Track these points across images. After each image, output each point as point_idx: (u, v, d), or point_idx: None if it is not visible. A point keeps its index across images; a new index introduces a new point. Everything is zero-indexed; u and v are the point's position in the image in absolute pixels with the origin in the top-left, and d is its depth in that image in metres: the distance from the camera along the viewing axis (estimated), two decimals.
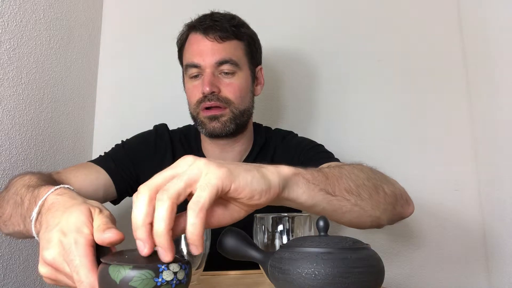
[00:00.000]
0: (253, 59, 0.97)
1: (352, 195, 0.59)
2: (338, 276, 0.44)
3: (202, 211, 0.40)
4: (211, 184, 0.41)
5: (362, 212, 0.61)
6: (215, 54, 0.88)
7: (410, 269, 1.27)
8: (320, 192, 0.54)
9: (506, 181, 1.14)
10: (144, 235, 0.40)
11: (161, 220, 0.39)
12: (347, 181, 0.59)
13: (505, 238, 1.15)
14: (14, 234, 0.67)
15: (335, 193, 0.56)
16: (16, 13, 0.92)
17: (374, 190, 0.64)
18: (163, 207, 0.39)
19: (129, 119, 1.31)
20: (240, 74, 0.91)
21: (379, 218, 0.65)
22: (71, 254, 0.43)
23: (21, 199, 0.61)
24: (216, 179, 0.42)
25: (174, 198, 0.40)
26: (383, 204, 0.65)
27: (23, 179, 0.67)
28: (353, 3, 1.39)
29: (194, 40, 0.91)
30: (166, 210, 0.39)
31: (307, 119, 1.33)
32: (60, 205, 0.51)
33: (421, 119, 1.33)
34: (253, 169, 0.46)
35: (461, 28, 1.36)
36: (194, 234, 0.40)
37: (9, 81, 0.89)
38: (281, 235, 0.64)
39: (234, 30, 0.90)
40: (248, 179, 0.44)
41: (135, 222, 0.40)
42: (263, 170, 0.48)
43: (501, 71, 1.15)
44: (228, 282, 0.65)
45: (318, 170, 0.57)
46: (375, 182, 0.66)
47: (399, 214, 0.73)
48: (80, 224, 0.45)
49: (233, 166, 0.45)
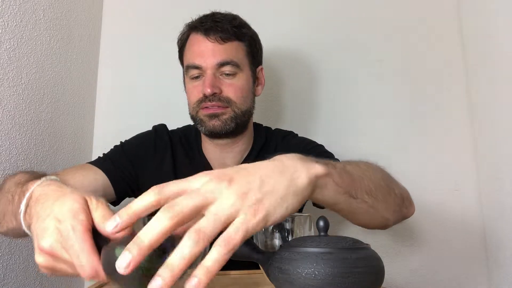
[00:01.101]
0: (254, 60, 0.96)
1: (371, 197, 0.58)
2: (338, 276, 0.44)
3: (229, 252, 0.38)
4: (247, 231, 0.39)
5: (375, 214, 0.61)
6: (216, 56, 0.88)
7: (410, 269, 1.27)
8: (344, 195, 0.53)
9: (506, 181, 1.14)
10: (126, 224, 0.40)
11: (149, 234, 0.37)
12: (368, 183, 0.58)
13: (505, 238, 1.15)
14: (9, 233, 0.66)
15: (357, 196, 0.55)
16: (16, 13, 0.92)
17: (387, 192, 0.63)
18: (160, 224, 0.37)
19: (129, 119, 1.31)
20: (241, 75, 0.91)
21: (388, 219, 0.65)
22: (70, 239, 0.43)
23: (11, 196, 0.61)
24: (253, 228, 0.40)
25: (178, 219, 0.38)
26: (393, 205, 0.65)
27: (15, 177, 0.67)
28: (353, 3, 1.39)
29: (195, 41, 0.91)
30: (160, 229, 0.37)
31: (307, 119, 1.33)
32: (49, 195, 0.50)
33: (421, 119, 1.33)
34: (287, 192, 0.43)
35: (461, 28, 1.36)
36: (209, 272, 0.37)
37: (9, 81, 0.89)
38: (281, 235, 0.64)
39: (236, 31, 0.89)
40: (282, 212, 0.42)
41: (130, 210, 0.40)
42: (297, 183, 0.44)
43: (501, 71, 1.15)
44: (228, 282, 0.65)
45: (346, 171, 0.54)
46: (388, 183, 0.65)
47: (403, 215, 0.73)
48: (76, 211, 0.45)
49: (269, 197, 0.41)
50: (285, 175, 0.44)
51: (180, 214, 0.38)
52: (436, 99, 1.34)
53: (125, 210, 0.40)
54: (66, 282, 1.12)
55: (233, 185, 0.41)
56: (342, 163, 0.56)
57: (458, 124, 1.32)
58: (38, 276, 0.98)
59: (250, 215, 0.40)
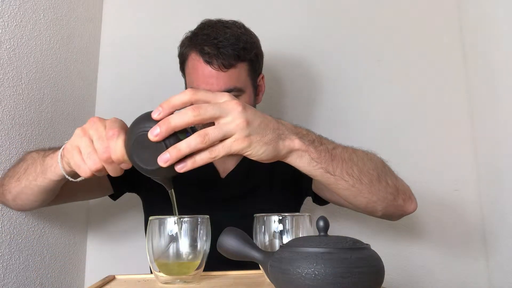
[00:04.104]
0: (256, 73, 0.95)
1: (352, 178, 0.67)
2: (338, 276, 0.44)
3: (212, 158, 0.54)
4: (231, 149, 0.55)
5: (357, 193, 0.69)
6: (220, 84, 0.87)
7: (410, 269, 1.27)
8: (320, 169, 0.64)
9: (506, 181, 1.14)
10: (167, 112, 0.53)
11: (176, 119, 0.52)
12: (352, 166, 0.67)
13: (505, 238, 1.15)
14: (24, 189, 0.73)
15: (335, 173, 0.65)
16: (16, 13, 0.92)
17: (376, 178, 0.70)
18: (185, 116, 0.52)
19: (129, 119, 1.30)
20: (244, 96, 0.91)
21: (375, 202, 0.72)
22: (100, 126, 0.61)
23: (38, 153, 0.73)
24: (237, 148, 0.55)
25: (198, 118, 0.53)
26: (383, 192, 0.72)
27: (37, 149, 0.79)
28: (353, 3, 1.39)
29: (197, 65, 0.88)
30: (183, 120, 0.52)
31: (306, 119, 1.33)
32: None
33: (421, 119, 1.33)
34: (273, 142, 0.58)
35: (461, 28, 1.36)
36: (196, 162, 0.53)
37: (9, 81, 0.89)
38: (281, 235, 0.64)
39: (239, 55, 0.87)
40: (260, 151, 0.57)
41: (169, 103, 0.54)
42: (280, 142, 0.59)
43: (501, 71, 1.15)
44: (228, 282, 0.65)
45: (328, 151, 0.65)
46: (380, 172, 0.72)
47: (400, 207, 0.77)
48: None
49: (258, 137, 0.56)
50: (276, 133, 0.59)
51: (201, 115, 0.52)
52: (436, 99, 1.34)
53: (166, 102, 0.54)
54: (66, 282, 1.12)
55: (244, 112, 0.55)
56: (332, 145, 0.67)
57: (458, 124, 1.32)
58: (38, 276, 0.98)
59: (240, 140, 0.55)
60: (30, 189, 0.72)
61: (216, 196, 0.94)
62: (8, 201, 0.79)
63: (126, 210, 1.24)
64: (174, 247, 0.60)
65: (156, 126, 0.51)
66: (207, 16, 0.97)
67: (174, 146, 0.52)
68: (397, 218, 0.83)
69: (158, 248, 0.61)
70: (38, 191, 0.72)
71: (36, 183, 0.70)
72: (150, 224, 0.62)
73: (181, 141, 0.52)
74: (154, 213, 0.64)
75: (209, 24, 0.91)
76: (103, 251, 1.25)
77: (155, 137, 0.51)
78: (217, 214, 0.70)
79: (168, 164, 0.52)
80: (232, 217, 0.75)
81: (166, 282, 0.62)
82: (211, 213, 0.65)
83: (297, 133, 0.62)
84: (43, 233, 1.00)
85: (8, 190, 0.76)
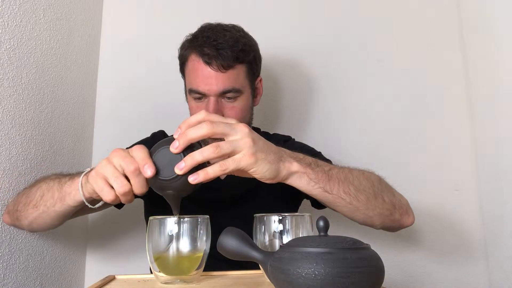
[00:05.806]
0: (254, 76, 0.96)
1: (349, 196, 0.72)
2: (338, 276, 0.44)
3: (222, 171, 0.60)
4: (240, 164, 0.61)
5: (355, 210, 0.74)
6: (219, 84, 0.88)
7: (410, 269, 1.27)
8: (318, 189, 0.70)
9: (506, 181, 1.14)
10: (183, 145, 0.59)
11: (194, 131, 0.59)
12: (348, 185, 0.72)
13: (505, 238, 1.15)
14: (42, 214, 0.76)
15: (332, 192, 0.71)
16: (16, 13, 0.92)
17: (372, 196, 0.75)
18: (201, 129, 0.59)
19: (129, 119, 1.31)
20: (242, 97, 0.92)
21: (372, 218, 0.77)
22: (127, 155, 0.63)
23: (53, 181, 0.76)
24: (245, 163, 0.61)
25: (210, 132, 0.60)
26: (379, 208, 0.76)
27: (48, 176, 0.82)
28: (353, 3, 1.39)
29: (197, 66, 0.90)
30: (198, 132, 0.59)
31: (306, 119, 1.33)
32: None
33: (421, 119, 1.33)
34: (275, 162, 0.65)
35: (461, 28, 1.36)
36: (207, 174, 0.59)
37: (9, 81, 0.89)
38: (281, 235, 0.64)
39: (237, 57, 0.89)
40: (264, 169, 0.63)
41: (188, 121, 0.61)
42: (281, 164, 0.66)
43: (501, 71, 1.15)
44: (228, 282, 0.65)
45: (325, 172, 0.71)
46: (376, 190, 0.77)
47: (397, 221, 0.81)
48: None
49: (263, 155, 0.63)
50: (277, 154, 0.66)
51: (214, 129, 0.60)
52: (436, 99, 1.34)
53: (182, 137, 0.59)
54: (66, 282, 1.12)
55: (251, 133, 0.63)
56: (328, 166, 0.73)
57: (458, 124, 1.32)
58: (38, 276, 0.98)
59: (247, 156, 0.61)
60: (47, 214, 0.76)
61: (216, 198, 0.94)
62: (23, 226, 0.82)
63: (126, 210, 1.24)
64: (174, 247, 0.60)
65: (175, 141, 0.59)
66: (207, 16, 0.98)
67: (189, 155, 0.58)
68: (396, 230, 0.87)
69: (158, 248, 0.61)
70: (55, 216, 0.76)
71: (54, 209, 0.74)
72: (150, 224, 0.62)
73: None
74: (155, 213, 0.64)
75: (209, 27, 0.93)
76: (103, 251, 1.25)
77: (175, 150, 0.59)
78: (217, 215, 0.71)
79: (183, 172, 0.58)
80: (232, 218, 0.76)
81: (166, 282, 0.63)
82: (211, 214, 0.65)
83: (295, 157, 0.69)
84: (43, 233, 1.00)
85: (25, 216, 0.79)
